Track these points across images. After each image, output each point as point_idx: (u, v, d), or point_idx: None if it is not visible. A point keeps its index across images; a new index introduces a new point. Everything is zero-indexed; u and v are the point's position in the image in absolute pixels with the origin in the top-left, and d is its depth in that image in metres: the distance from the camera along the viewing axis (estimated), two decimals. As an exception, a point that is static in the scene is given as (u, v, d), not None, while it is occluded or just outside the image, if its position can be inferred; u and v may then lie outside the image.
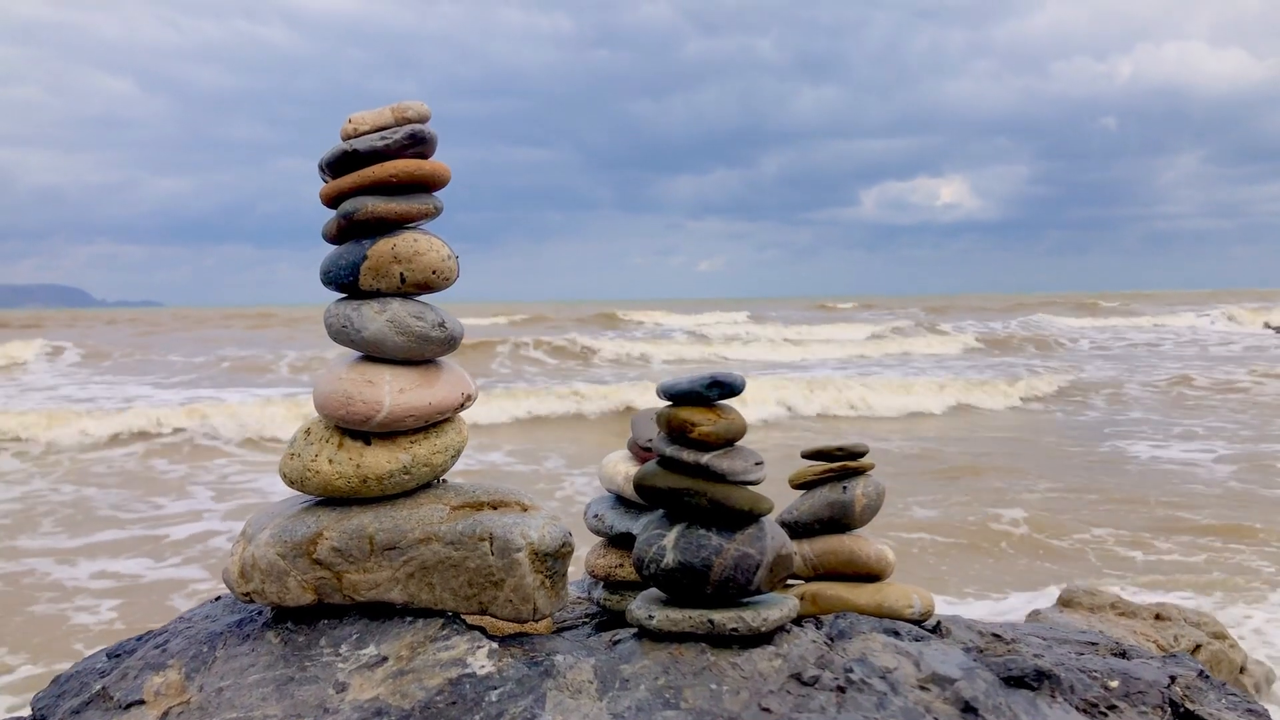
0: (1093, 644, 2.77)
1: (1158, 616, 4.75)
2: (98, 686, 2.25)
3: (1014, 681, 2.24)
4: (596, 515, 2.79)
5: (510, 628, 2.47)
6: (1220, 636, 4.76)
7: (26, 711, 2.39)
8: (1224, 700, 2.51)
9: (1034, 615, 4.86)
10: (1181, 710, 2.39)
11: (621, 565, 2.69)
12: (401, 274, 2.32)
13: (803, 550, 2.69)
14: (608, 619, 2.70)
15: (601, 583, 2.77)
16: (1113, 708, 2.32)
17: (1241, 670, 4.72)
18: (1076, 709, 2.25)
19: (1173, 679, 2.48)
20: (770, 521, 2.35)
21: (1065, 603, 4.91)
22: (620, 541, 2.73)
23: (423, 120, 2.37)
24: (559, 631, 2.58)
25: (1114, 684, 2.41)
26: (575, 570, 3.26)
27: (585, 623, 2.74)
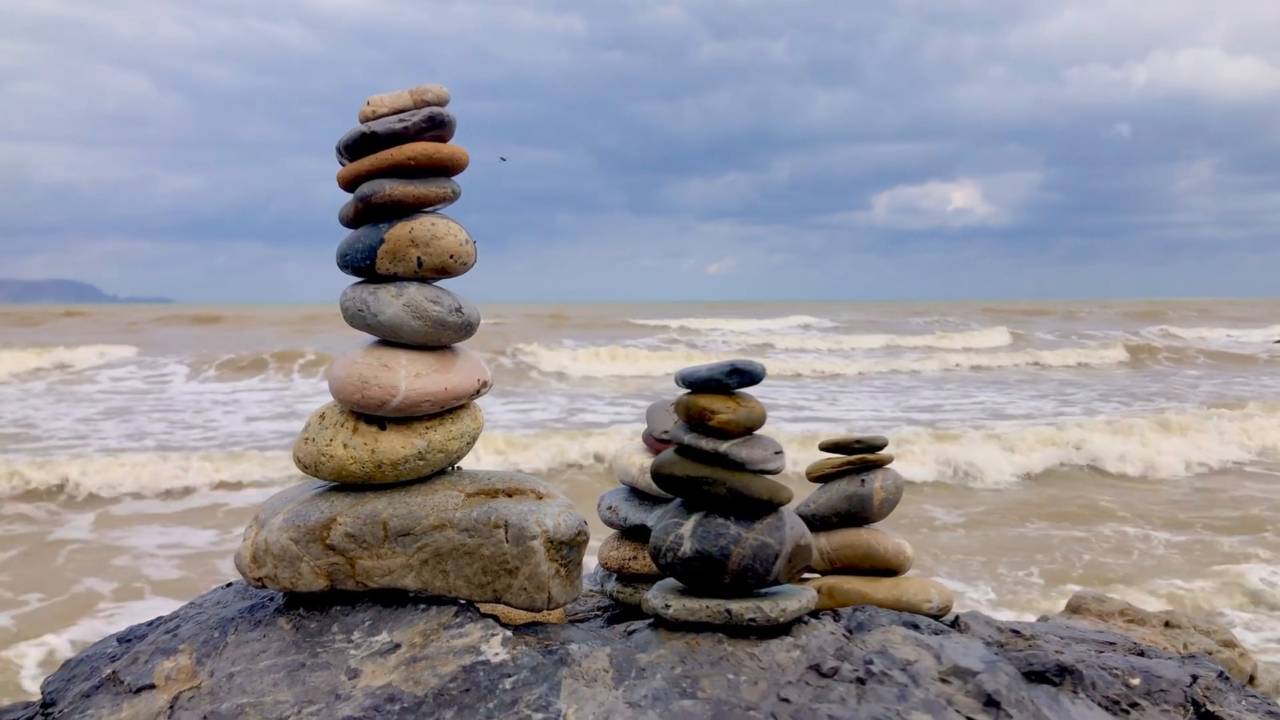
0: (1111, 643, 2.74)
1: (1167, 624, 4.69)
2: (108, 670, 2.22)
3: (1036, 676, 2.21)
4: (610, 507, 2.75)
5: (523, 616, 2.44)
6: (1230, 645, 4.71)
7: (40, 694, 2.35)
8: (1244, 702, 2.48)
9: (1041, 620, 4.81)
10: (1203, 710, 2.36)
11: (635, 558, 2.66)
12: (419, 258, 2.29)
13: (820, 543, 2.66)
14: (621, 612, 2.67)
15: (615, 575, 2.74)
16: (1134, 705, 2.29)
17: (1251, 679, 4.67)
18: (1099, 705, 2.22)
19: (1194, 678, 2.44)
20: (789, 511, 2.32)
21: (1074, 609, 4.85)
22: (634, 534, 2.70)
23: (442, 103, 2.35)
24: (571, 623, 2.55)
25: (1135, 681, 2.38)
26: (588, 563, 3.23)
27: (598, 615, 2.71)
